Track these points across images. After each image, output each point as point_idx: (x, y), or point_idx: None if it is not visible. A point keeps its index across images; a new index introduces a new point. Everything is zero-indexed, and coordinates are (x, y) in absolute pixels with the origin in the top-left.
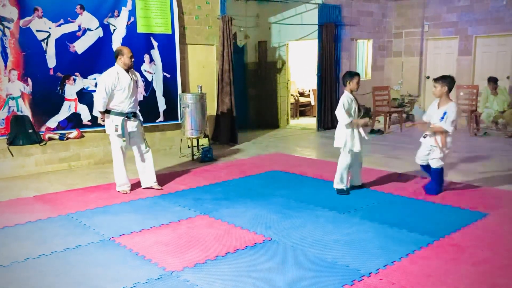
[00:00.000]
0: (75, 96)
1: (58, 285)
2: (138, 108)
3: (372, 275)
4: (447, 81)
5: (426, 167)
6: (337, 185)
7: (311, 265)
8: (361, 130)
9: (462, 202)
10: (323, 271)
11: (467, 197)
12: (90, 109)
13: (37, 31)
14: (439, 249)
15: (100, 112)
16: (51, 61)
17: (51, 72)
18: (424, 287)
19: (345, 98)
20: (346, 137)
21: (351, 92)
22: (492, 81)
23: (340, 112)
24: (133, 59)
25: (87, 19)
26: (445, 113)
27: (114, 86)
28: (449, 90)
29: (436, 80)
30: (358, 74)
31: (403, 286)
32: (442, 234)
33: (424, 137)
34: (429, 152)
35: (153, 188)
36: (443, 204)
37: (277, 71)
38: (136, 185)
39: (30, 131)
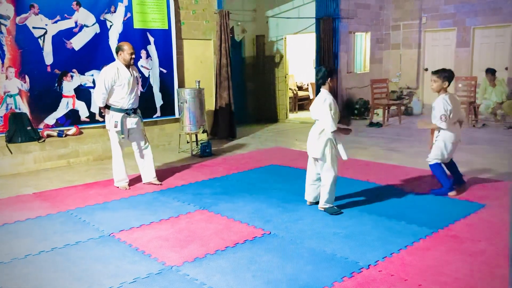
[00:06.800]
0: (72, 93)
1: (59, 281)
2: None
3: (371, 267)
4: (449, 75)
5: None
6: (327, 204)
7: (310, 258)
8: (340, 144)
9: (461, 193)
10: (322, 264)
11: (466, 188)
12: (88, 105)
13: (33, 28)
14: (438, 240)
15: (101, 107)
16: (48, 58)
17: (49, 69)
18: (423, 278)
19: (330, 99)
20: (329, 145)
21: (330, 91)
22: (490, 72)
23: (327, 117)
24: (133, 56)
25: (83, 15)
26: (434, 107)
27: (114, 82)
28: (449, 84)
29: (436, 73)
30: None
31: (402, 277)
32: (441, 225)
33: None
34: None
35: (152, 184)
36: (442, 196)
37: (275, 65)
38: (135, 181)
39: (29, 128)
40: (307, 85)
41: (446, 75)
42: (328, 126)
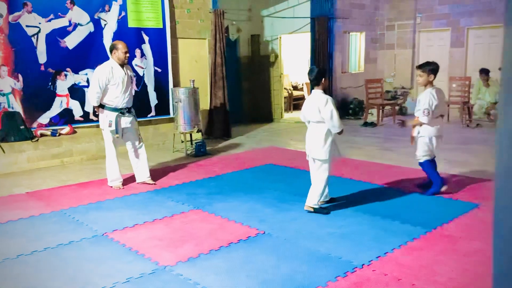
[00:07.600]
0: (66, 92)
1: (52, 281)
2: None
3: (365, 267)
4: (433, 68)
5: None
6: (316, 205)
7: (305, 257)
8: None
9: (454, 193)
10: (317, 264)
11: (459, 188)
12: (82, 104)
13: (27, 26)
14: (432, 240)
15: (95, 106)
16: (42, 57)
17: (42, 68)
18: (416, 278)
19: (330, 100)
20: (332, 146)
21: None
22: (484, 72)
23: (335, 117)
24: (127, 55)
25: (77, 14)
26: (419, 101)
27: (108, 81)
28: (434, 77)
29: (421, 67)
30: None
31: (395, 277)
32: (435, 225)
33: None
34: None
35: (146, 183)
36: (435, 196)
37: (270, 64)
38: (129, 180)
39: (22, 127)
40: (302, 84)
41: (431, 68)
42: (336, 126)
